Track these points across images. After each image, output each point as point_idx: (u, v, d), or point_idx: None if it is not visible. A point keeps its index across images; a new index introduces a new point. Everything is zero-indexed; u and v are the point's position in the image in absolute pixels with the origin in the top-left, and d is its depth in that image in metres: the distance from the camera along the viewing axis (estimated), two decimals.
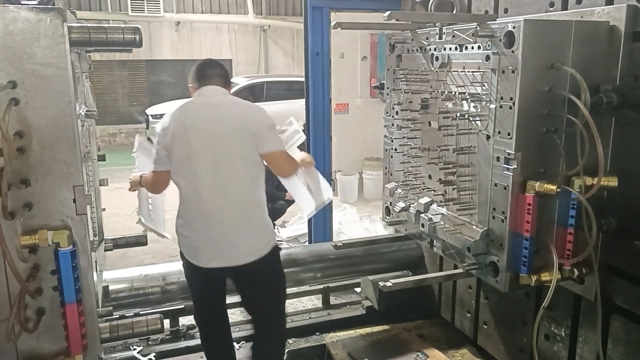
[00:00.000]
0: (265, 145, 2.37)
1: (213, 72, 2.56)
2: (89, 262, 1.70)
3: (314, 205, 2.95)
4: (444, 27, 2.19)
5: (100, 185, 2.58)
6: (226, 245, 2.35)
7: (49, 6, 1.59)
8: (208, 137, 2.31)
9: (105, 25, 1.69)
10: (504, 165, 1.90)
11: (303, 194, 2.97)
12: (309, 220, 4.45)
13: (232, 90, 2.79)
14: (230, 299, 3.21)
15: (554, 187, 1.80)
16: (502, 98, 1.89)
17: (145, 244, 2.82)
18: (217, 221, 2.34)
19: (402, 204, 2.53)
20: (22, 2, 1.62)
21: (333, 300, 3.53)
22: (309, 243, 4.65)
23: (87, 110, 2.03)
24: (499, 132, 1.92)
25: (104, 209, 2.62)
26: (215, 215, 2.33)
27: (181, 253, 2.47)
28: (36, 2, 1.64)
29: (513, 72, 1.82)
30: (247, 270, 2.38)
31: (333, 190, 4.59)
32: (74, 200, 1.62)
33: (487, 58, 1.94)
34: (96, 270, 2.01)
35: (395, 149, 2.62)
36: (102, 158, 2.59)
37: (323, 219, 4.33)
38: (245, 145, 2.34)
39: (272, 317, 2.61)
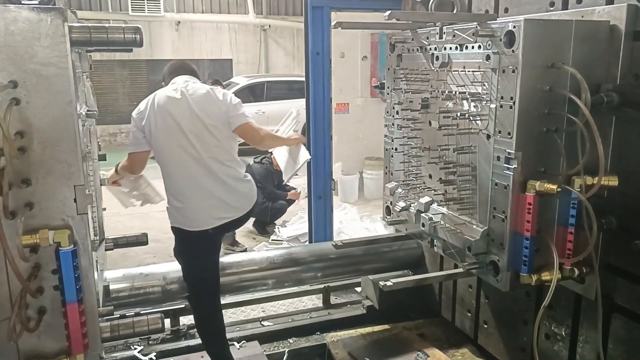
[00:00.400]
0: (234, 122, 2.77)
1: (183, 68, 2.97)
2: (89, 262, 1.70)
3: (294, 168, 3.65)
4: (444, 27, 2.19)
5: (100, 184, 2.58)
6: (214, 208, 2.69)
7: (49, 6, 1.59)
8: (186, 117, 2.66)
9: (106, 25, 1.68)
10: (505, 165, 1.90)
11: (286, 161, 3.70)
12: (310, 220, 4.45)
13: (232, 90, 2.97)
14: (231, 299, 3.24)
15: (554, 187, 1.80)
16: (502, 97, 1.89)
17: (146, 243, 2.83)
18: (204, 189, 2.67)
19: (402, 204, 2.53)
20: (23, 2, 1.62)
21: (333, 299, 3.54)
22: (309, 242, 4.66)
23: (87, 110, 2.03)
24: (500, 132, 1.92)
25: (104, 209, 2.62)
26: (202, 183, 2.66)
27: (174, 228, 2.77)
28: (37, 2, 1.64)
29: (513, 71, 1.82)
30: (233, 224, 2.88)
31: (333, 189, 4.60)
32: (75, 200, 1.62)
33: (488, 57, 1.94)
34: (97, 270, 2.01)
35: (396, 149, 2.63)
36: (102, 158, 2.60)
37: (324, 219, 4.33)
38: (218, 122, 2.71)
39: None
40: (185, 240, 2.71)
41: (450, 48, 2.17)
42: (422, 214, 2.39)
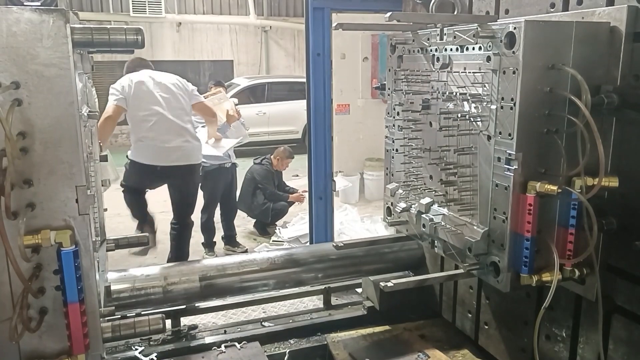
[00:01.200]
0: (194, 99, 5.45)
1: (145, 63, 5.43)
2: (91, 262, 1.70)
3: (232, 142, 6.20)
4: (445, 28, 2.20)
5: (102, 185, 2.58)
6: (173, 153, 5.15)
7: (52, 7, 1.60)
8: (161, 90, 5.10)
9: (108, 27, 1.69)
10: (505, 166, 1.91)
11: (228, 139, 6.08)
12: (311, 221, 4.46)
13: (233, 91, 3.13)
14: (231, 300, 3.24)
15: (554, 188, 1.81)
16: (503, 99, 1.89)
17: (147, 244, 2.83)
18: (166, 139, 5.10)
19: (403, 205, 2.53)
20: (26, 3, 1.62)
21: (334, 300, 3.54)
22: (310, 243, 4.66)
23: (89, 111, 2.04)
24: (500, 133, 1.92)
25: (105, 209, 2.63)
26: (166, 135, 5.07)
27: (133, 162, 5.24)
28: (39, 3, 1.65)
29: (514, 72, 1.83)
30: (180, 169, 5.30)
31: (334, 190, 4.62)
32: (77, 201, 1.63)
33: (488, 59, 1.95)
34: (98, 270, 2.01)
35: (397, 150, 2.63)
36: (104, 158, 2.60)
37: (324, 219, 4.34)
38: (184, 97, 5.29)
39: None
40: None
41: (451, 49, 2.17)
42: (423, 215, 2.39)
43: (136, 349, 2.92)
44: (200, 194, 7.17)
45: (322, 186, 4.28)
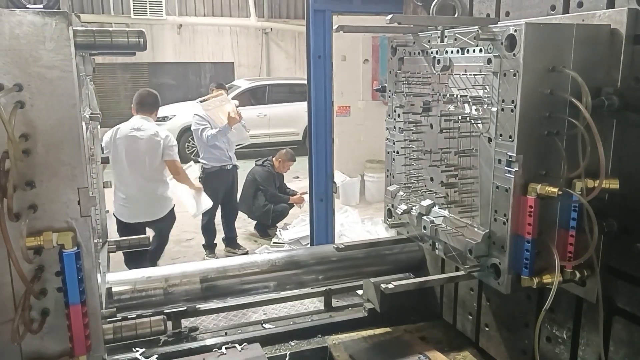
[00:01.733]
0: (166, 155, 5.56)
1: (147, 100, 5.71)
2: (93, 264, 1.71)
3: (195, 210, 6.46)
4: (445, 31, 2.20)
5: (103, 187, 2.59)
6: (143, 209, 5.48)
7: (54, 10, 1.61)
8: (132, 148, 5.36)
9: (110, 29, 1.70)
10: (506, 168, 1.91)
11: (188, 199, 6.35)
12: (311, 223, 4.46)
13: (234, 93, 3.12)
14: (232, 302, 3.24)
15: (555, 190, 1.81)
16: (503, 101, 1.90)
17: (148, 246, 2.83)
18: (137, 199, 5.41)
19: (404, 207, 2.54)
20: (28, 6, 1.63)
21: (335, 302, 3.54)
22: (311, 245, 4.67)
23: (91, 113, 2.04)
24: (501, 135, 1.93)
25: (107, 211, 2.63)
26: (138, 194, 5.39)
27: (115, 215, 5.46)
28: (42, 6, 1.66)
29: (514, 75, 1.83)
30: (154, 223, 5.64)
31: (335, 192, 4.63)
32: (79, 202, 1.63)
33: (489, 61, 1.95)
34: (100, 272, 2.02)
35: (397, 152, 2.63)
36: (105, 160, 2.61)
37: (325, 221, 4.34)
38: (154, 154, 5.47)
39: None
40: None
41: (452, 51, 2.18)
42: (424, 217, 2.39)
43: (137, 351, 2.92)
44: None
45: (322, 188, 4.29)
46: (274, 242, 7.51)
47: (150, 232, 5.71)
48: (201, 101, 7.31)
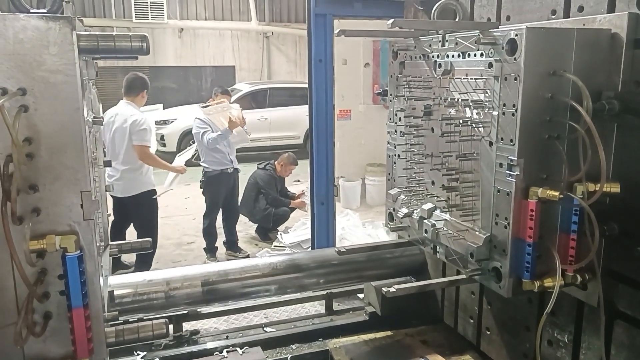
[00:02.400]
0: (134, 140, 5.77)
1: (134, 84, 6.07)
2: (95, 267, 1.71)
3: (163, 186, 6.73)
4: (446, 35, 2.21)
5: (106, 191, 2.60)
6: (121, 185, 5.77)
7: (58, 15, 1.62)
8: (113, 129, 5.78)
9: (113, 33, 1.71)
10: (507, 172, 1.92)
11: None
12: (312, 226, 4.46)
13: (235, 97, 3.15)
14: (233, 305, 3.24)
15: (556, 193, 1.82)
16: (504, 105, 1.90)
17: (150, 249, 2.84)
18: (116, 174, 5.75)
19: (405, 210, 2.54)
20: (32, 11, 1.64)
21: (336, 306, 3.54)
22: (312, 248, 4.67)
23: (94, 117, 2.05)
24: (502, 139, 1.93)
25: (109, 215, 2.64)
26: (116, 172, 5.71)
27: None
28: (46, 11, 1.67)
29: (515, 79, 1.84)
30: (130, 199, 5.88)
31: (336, 196, 4.64)
32: (82, 206, 1.64)
33: (490, 65, 1.96)
34: (102, 275, 2.02)
35: (398, 155, 2.64)
36: (108, 164, 2.62)
37: (326, 224, 4.34)
38: (122, 139, 5.75)
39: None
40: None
41: (453, 56, 2.18)
42: (425, 221, 2.40)
43: (138, 354, 2.92)
44: (202, 199, 7.19)
45: (324, 191, 4.29)
46: (275, 246, 7.51)
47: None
48: (203, 107, 7.33)
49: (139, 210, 6.07)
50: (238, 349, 2.96)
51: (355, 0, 4.17)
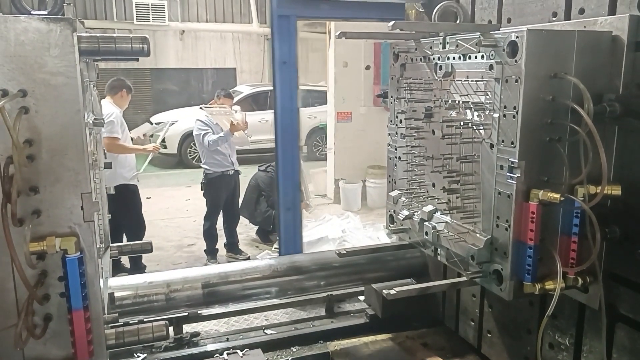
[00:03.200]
0: (103, 133, 5.13)
1: (112, 84, 6.40)
2: (95, 269, 1.71)
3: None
4: (447, 37, 2.21)
5: (106, 192, 2.60)
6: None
7: (59, 16, 1.62)
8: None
9: (114, 35, 1.71)
10: (508, 174, 1.91)
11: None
12: (279, 232, 4.29)
13: (236, 99, 3.14)
14: (234, 307, 3.24)
15: (557, 196, 1.81)
16: (505, 107, 1.90)
17: (150, 251, 2.84)
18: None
19: (405, 212, 2.54)
20: (33, 13, 1.64)
21: (336, 308, 3.53)
22: (279, 255, 4.56)
23: (94, 119, 2.05)
24: (503, 141, 1.93)
25: (110, 217, 2.64)
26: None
27: None
28: (47, 13, 1.67)
29: (516, 81, 1.84)
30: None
31: (304, 201, 4.54)
32: (82, 208, 1.64)
33: (491, 67, 1.96)
34: (102, 277, 2.02)
35: (399, 157, 2.64)
36: (108, 166, 2.62)
37: (293, 231, 4.18)
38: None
39: None
40: None
41: (454, 58, 2.18)
42: (426, 223, 2.40)
43: (138, 356, 2.92)
44: (203, 200, 7.20)
45: (290, 197, 4.10)
46: (275, 248, 7.49)
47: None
48: (205, 107, 7.35)
49: (117, 206, 6.14)
50: (238, 351, 2.96)
51: (321, 1, 3.95)
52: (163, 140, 7.02)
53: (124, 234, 6.27)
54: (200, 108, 7.50)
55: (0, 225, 1.47)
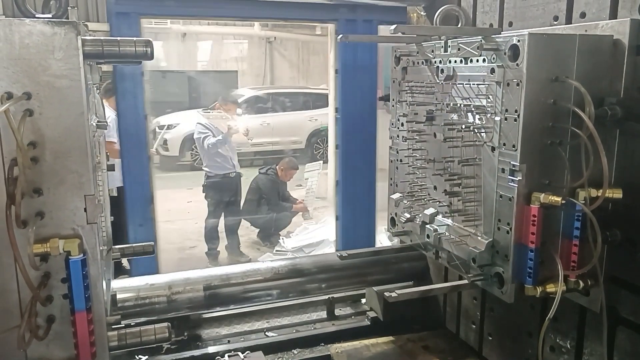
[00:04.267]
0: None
1: (106, 87, 4.77)
2: (98, 271, 1.72)
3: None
4: (449, 40, 2.22)
5: (108, 194, 2.60)
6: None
7: (63, 20, 1.63)
8: None
9: (118, 38, 1.72)
10: (509, 177, 1.92)
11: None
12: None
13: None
14: (235, 310, 3.25)
15: (558, 199, 1.82)
16: (507, 110, 1.91)
17: (152, 253, 2.83)
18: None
19: (407, 215, 2.54)
20: (38, 16, 1.65)
21: (338, 311, 3.53)
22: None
23: (97, 121, 2.06)
24: (504, 144, 1.93)
25: (112, 218, 2.64)
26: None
27: None
28: (51, 16, 1.68)
29: (518, 84, 1.84)
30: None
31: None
32: (85, 210, 1.65)
33: (492, 71, 1.97)
34: (105, 279, 2.03)
35: (401, 160, 2.64)
36: (111, 168, 2.62)
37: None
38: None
39: None
40: None
41: (455, 61, 2.19)
42: (427, 226, 2.40)
43: (140, 358, 2.92)
44: (204, 203, 7.21)
45: (141, 213, 3.57)
46: (276, 250, 7.50)
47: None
48: (203, 112, 7.41)
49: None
50: (240, 353, 2.96)
51: None
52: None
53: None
54: (202, 110, 7.53)
55: (4, 226, 1.48)
